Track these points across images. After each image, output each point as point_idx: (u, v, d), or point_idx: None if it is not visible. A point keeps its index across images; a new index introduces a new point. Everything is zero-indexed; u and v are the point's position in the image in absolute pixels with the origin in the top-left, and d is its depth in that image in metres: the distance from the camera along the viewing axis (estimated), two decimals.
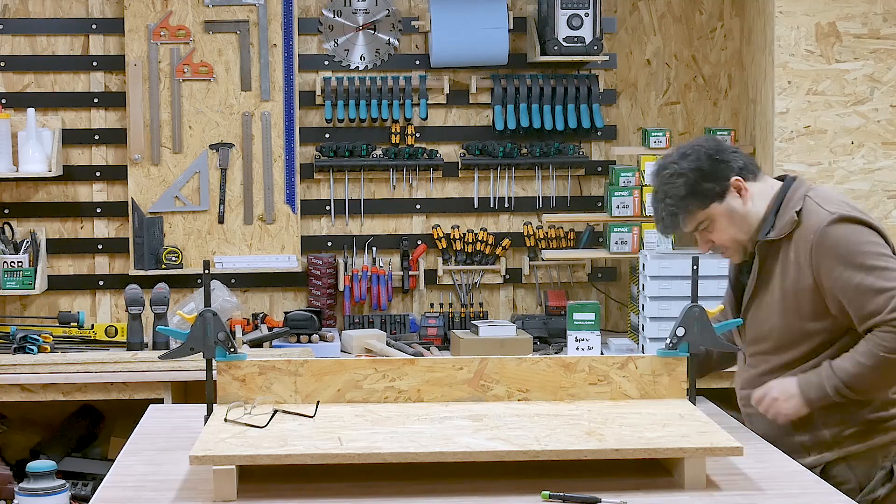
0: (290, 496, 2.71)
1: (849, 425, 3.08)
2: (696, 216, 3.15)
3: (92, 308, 5.35)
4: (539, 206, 5.45)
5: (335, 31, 5.37)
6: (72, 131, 5.29)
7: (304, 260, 5.35)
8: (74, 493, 4.92)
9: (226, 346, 3.09)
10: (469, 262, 5.43)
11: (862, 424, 3.08)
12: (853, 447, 3.08)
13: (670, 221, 3.17)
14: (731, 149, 3.19)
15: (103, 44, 5.29)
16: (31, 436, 5.28)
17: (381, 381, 3.21)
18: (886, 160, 4.96)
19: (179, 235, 5.28)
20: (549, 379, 3.23)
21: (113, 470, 2.93)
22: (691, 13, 5.49)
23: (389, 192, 5.43)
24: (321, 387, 3.19)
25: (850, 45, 4.94)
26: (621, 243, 5.18)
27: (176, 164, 5.26)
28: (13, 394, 4.70)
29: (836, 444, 3.09)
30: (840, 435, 3.09)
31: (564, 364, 3.24)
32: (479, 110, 5.45)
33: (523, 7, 5.41)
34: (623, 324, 5.48)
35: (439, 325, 5.26)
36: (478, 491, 2.74)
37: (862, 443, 3.08)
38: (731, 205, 3.13)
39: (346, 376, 3.20)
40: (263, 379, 3.17)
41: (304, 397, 3.18)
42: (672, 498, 2.71)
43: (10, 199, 5.29)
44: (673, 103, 5.51)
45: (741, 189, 3.13)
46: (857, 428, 3.08)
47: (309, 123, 5.39)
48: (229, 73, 5.26)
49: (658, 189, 3.17)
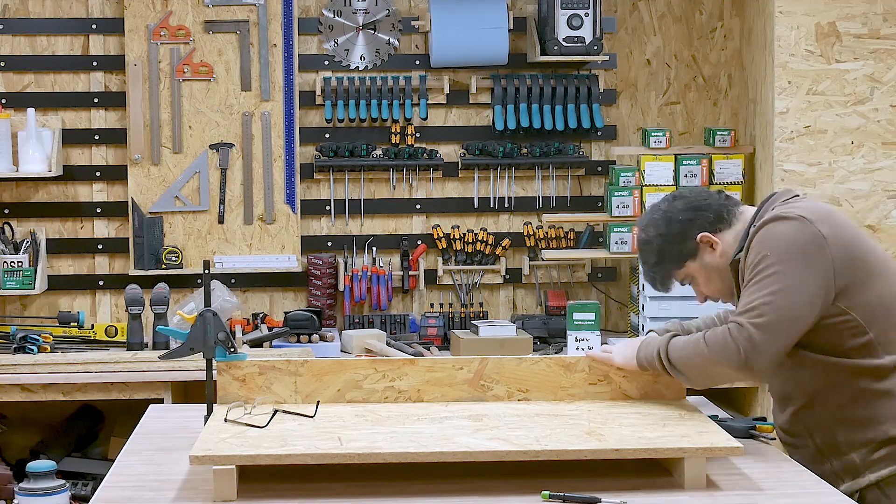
0: (290, 496, 2.71)
1: (875, 447, 2.99)
2: (675, 275, 3.21)
3: (92, 308, 5.35)
4: (539, 206, 5.45)
5: (335, 31, 5.37)
6: (72, 131, 5.29)
7: (304, 260, 5.35)
8: (74, 493, 4.92)
9: (226, 346, 3.09)
10: (469, 262, 5.43)
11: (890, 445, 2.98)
12: (884, 471, 2.98)
13: (654, 284, 3.25)
14: (702, 203, 3.16)
15: (103, 44, 5.30)
16: (31, 436, 5.27)
17: (381, 381, 3.21)
18: (886, 160, 4.96)
19: (179, 235, 5.28)
20: (549, 379, 3.23)
21: (113, 470, 2.93)
22: (691, 13, 5.49)
23: (389, 192, 5.43)
24: (321, 387, 3.19)
25: (850, 45, 4.94)
26: (621, 243, 5.18)
27: (176, 164, 5.26)
28: (13, 394, 4.70)
29: (867, 468, 2.99)
30: (868, 458, 2.99)
31: (564, 364, 3.24)
32: (479, 110, 5.45)
33: (523, 7, 5.42)
34: (623, 324, 5.48)
35: (439, 325, 5.27)
36: (478, 491, 2.74)
37: (893, 465, 2.98)
38: (705, 260, 3.15)
39: (346, 376, 3.20)
40: (263, 379, 3.17)
41: (304, 397, 3.18)
42: (672, 498, 2.71)
43: (10, 199, 5.29)
44: (673, 103, 5.52)
45: (711, 243, 3.13)
46: (886, 450, 2.98)
47: (309, 123, 5.39)
48: (229, 73, 5.26)
49: (638, 255, 3.28)
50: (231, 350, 3.09)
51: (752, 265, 2.99)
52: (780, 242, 2.97)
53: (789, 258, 2.95)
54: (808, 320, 2.96)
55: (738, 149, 5.26)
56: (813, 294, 2.94)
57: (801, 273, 2.94)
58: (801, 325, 2.95)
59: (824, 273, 2.95)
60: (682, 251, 3.16)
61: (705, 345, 2.99)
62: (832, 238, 2.97)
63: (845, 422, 3.01)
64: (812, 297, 2.94)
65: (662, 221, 3.17)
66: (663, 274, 3.21)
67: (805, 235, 2.96)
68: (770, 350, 2.94)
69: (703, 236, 3.14)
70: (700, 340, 3.02)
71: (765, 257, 2.96)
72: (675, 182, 5.19)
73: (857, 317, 2.98)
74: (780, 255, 2.95)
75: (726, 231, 3.15)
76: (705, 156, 5.21)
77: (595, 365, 3.24)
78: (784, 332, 2.94)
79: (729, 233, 3.14)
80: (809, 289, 2.94)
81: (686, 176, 5.18)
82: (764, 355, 2.94)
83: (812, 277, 2.94)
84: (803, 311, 2.94)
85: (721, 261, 3.14)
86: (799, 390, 3.06)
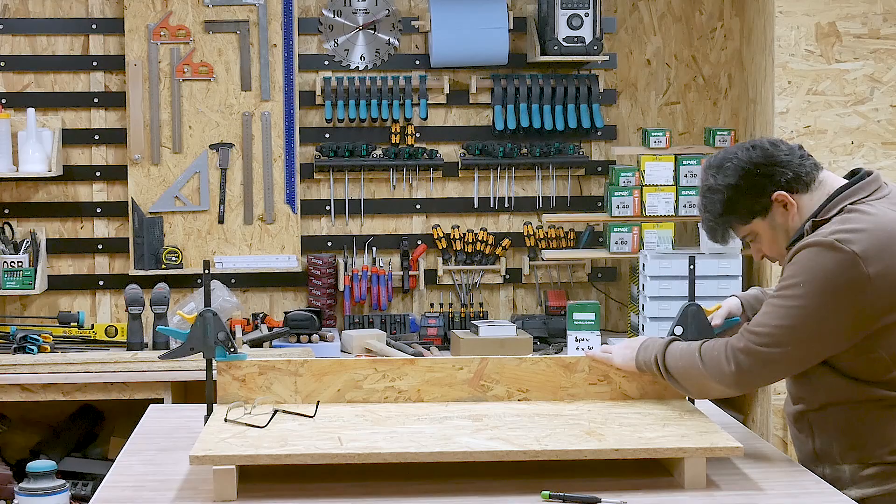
0: (290, 496, 2.71)
1: (866, 465, 2.93)
2: (738, 230, 3.01)
3: (92, 308, 5.35)
4: (539, 206, 5.45)
5: (335, 31, 5.37)
6: (72, 131, 5.29)
7: (304, 260, 5.36)
8: (74, 493, 4.92)
9: (226, 347, 3.08)
10: (469, 262, 5.43)
11: (880, 466, 2.92)
12: (870, 490, 2.91)
13: (713, 235, 3.05)
14: (781, 158, 2.93)
15: (103, 44, 5.30)
16: (31, 436, 5.28)
17: (381, 381, 3.21)
18: (886, 160, 4.96)
19: (179, 235, 5.28)
20: (549, 379, 3.23)
21: (113, 470, 2.93)
22: (691, 13, 5.49)
23: (389, 192, 5.43)
24: (321, 387, 3.19)
25: (850, 45, 4.94)
26: (621, 243, 5.18)
27: (176, 164, 5.26)
28: (13, 394, 4.70)
29: (854, 483, 2.93)
30: (857, 474, 2.94)
31: (564, 364, 3.24)
32: (479, 110, 5.45)
33: (523, 7, 5.42)
34: (623, 324, 5.48)
35: (439, 325, 5.27)
36: (478, 491, 2.73)
37: (880, 486, 2.92)
38: (776, 220, 2.95)
39: (345, 376, 3.20)
40: (263, 379, 3.17)
41: (304, 397, 3.18)
42: (672, 498, 2.71)
43: (10, 199, 5.29)
44: (673, 103, 5.52)
45: (787, 204, 2.92)
46: (876, 469, 2.92)
47: (309, 123, 5.39)
48: (229, 73, 5.26)
49: (699, 200, 3.05)
50: (231, 350, 3.09)
51: (783, 280, 2.87)
52: (818, 276, 2.79)
53: (820, 296, 2.78)
54: (816, 360, 2.87)
55: None
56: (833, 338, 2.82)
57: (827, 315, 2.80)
58: (805, 364, 2.88)
59: (855, 317, 2.80)
60: (754, 207, 2.94)
61: (700, 358, 2.93)
62: (881, 279, 2.78)
63: (848, 435, 2.96)
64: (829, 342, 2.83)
65: (736, 171, 2.93)
66: (726, 227, 2.99)
67: (845, 277, 2.77)
68: (760, 382, 2.91)
69: (780, 195, 2.91)
70: (695, 353, 2.94)
71: (797, 284, 2.81)
72: (674, 182, 5.19)
73: (886, 356, 2.85)
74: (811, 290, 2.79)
75: (804, 195, 2.93)
76: (705, 156, 5.21)
77: (595, 365, 3.24)
78: (782, 369, 2.88)
79: (805, 196, 2.93)
80: (829, 332, 2.81)
81: (686, 176, 5.18)
82: (754, 383, 2.90)
83: (837, 322, 2.80)
84: (810, 354, 2.85)
85: (792, 223, 2.94)
86: (813, 396, 2.99)
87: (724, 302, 3.27)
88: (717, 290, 4.87)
